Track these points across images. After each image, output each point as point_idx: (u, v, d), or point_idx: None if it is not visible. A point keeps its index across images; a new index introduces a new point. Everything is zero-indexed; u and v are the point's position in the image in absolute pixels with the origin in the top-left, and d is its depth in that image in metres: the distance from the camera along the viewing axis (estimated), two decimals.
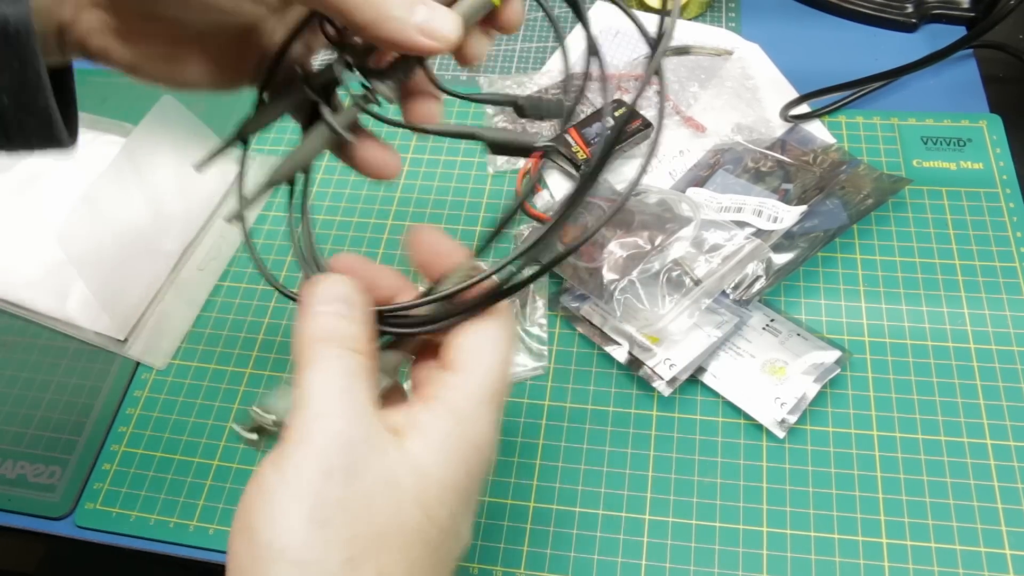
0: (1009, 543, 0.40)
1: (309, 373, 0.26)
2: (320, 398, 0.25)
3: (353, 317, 0.27)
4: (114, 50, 0.29)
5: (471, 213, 0.56)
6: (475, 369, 0.27)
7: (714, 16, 0.67)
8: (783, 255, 0.49)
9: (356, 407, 0.25)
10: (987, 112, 0.58)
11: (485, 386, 0.27)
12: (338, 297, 0.28)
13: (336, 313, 0.27)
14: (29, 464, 0.48)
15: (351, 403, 0.25)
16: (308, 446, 0.24)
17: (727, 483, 0.43)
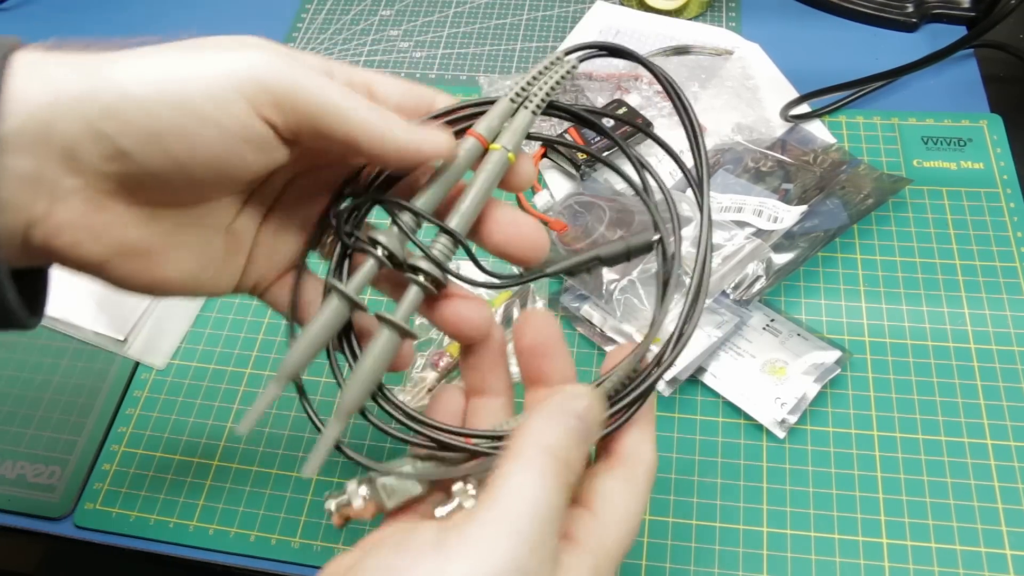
0: (1009, 543, 0.40)
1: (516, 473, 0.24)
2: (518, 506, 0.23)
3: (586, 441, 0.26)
4: (86, 245, 0.26)
5: None
6: (616, 521, 0.26)
7: (714, 16, 0.67)
8: (783, 255, 0.49)
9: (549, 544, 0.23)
10: (987, 112, 0.58)
11: (623, 546, 0.26)
12: (588, 416, 0.26)
13: (575, 429, 0.25)
14: (29, 464, 0.48)
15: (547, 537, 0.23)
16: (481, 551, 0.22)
17: (727, 483, 0.43)
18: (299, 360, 0.29)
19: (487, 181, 0.30)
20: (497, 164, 0.30)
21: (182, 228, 0.28)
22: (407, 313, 0.29)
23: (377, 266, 0.29)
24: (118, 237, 0.26)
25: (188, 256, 0.29)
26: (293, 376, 0.29)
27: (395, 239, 0.30)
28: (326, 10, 0.72)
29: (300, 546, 0.44)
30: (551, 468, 0.24)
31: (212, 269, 0.30)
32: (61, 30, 0.73)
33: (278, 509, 0.45)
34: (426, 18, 0.71)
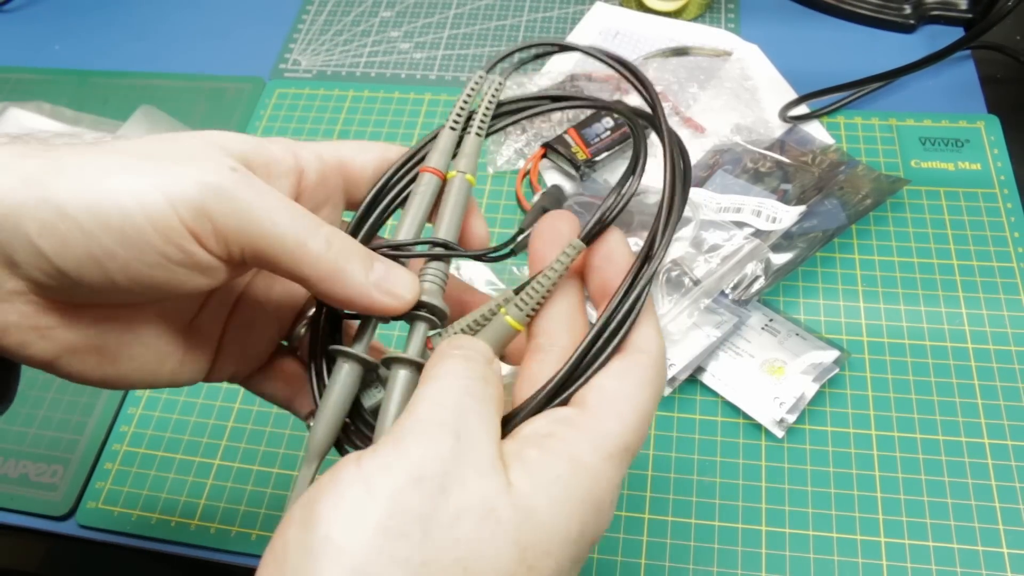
0: (1006, 542, 0.41)
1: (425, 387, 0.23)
2: (429, 407, 0.22)
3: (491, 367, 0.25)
4: (32, 344, 0.25)
5: None
6: (608, 414, 0.24)
7: (713, 17, 0.67)
8: (782, 255, 0.49)
9: (471, 426, 0.22)
10: (985, 113, 0.58)
11: (617, 437, 0.23)
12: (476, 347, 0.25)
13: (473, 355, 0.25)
14: (31, 463, 0.48)
15: (465, 420, 0.22)
16: (401, 447, 0.21)
17: (726, 482, 0.44)
18: (327, 436, 0.27)
19: (458, 204, 0.29)
20: (461, 187, 0.29)
21: (134, 328, 0.27)
22: (419, 349, 0.27)
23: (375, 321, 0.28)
24: (66, 338, 0.25)
25: (143, 353, 0.28)
26: (324, 453, 0.27)
27: None
28: (327, 11, 0.72)
29: None
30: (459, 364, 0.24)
31: (172, 364, 0.29)
32: (62, 31, 0.73)
33: (280, 508, 0.45)
34: (426, 19, 0.71)
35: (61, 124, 0.63)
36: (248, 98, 0.65)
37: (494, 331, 0.27)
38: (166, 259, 0.24)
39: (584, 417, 0.23)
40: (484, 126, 0.30)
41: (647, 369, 0.25)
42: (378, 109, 0.64)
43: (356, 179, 0.29)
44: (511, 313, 0.27)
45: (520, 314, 0.27)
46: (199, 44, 0.71)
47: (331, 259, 0.25)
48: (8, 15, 0.76)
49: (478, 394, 0.23)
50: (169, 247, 0.24)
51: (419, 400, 0.23)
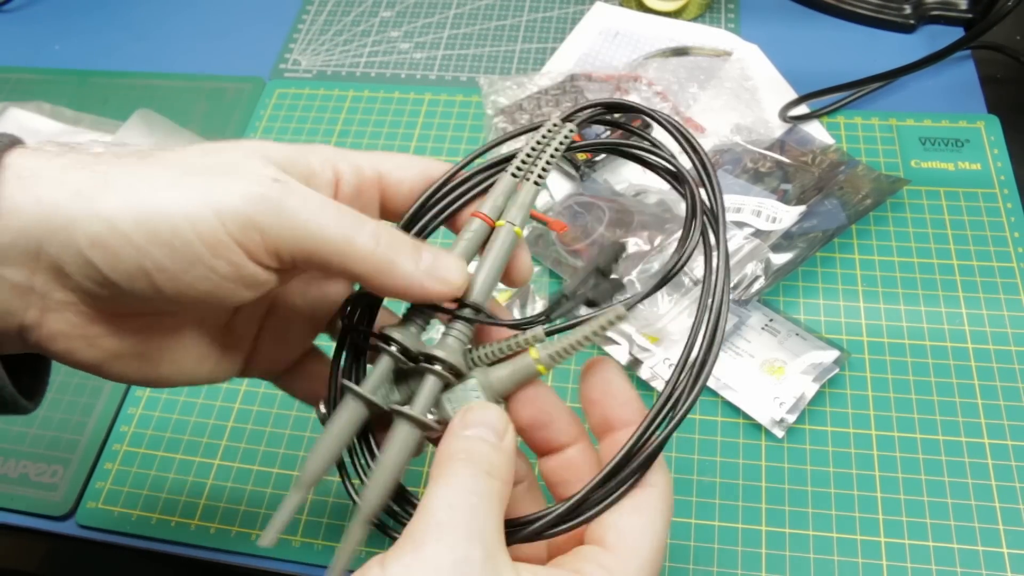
0: (1007, 542, 0.41)
1: (437, 486, 0.24)
2: (444, 510, 0.24)
3: (498, 446, 0.26)
4: (80, 352, 0.26)
5: None
6: (629, 554, 0.25)
7: (713, 17, 0.67)
8: (782, 255, 0.49)
9: (480, 528, 0.23)
10: (985, 113, 0.58)
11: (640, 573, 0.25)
12: (486, 423, 0.26)
13: (480, 438, 0.26)
14: (31, 463, 0.48)
15: (475, 522, 0.23)
16: (420, 553, 0.22)
17: (726, 482, 0.44)
18: (319, 467, 0.28)
19: (498, 259, 0.29)
20: (506, 240, 0.29)
21: (175, 335, 0.28)
22: (425, 406, 0.28)
23: (392, 363, 0.28)
24: (111, 346, 0.26)
25: (183, 357, 0.29)
26: (314, 483, 0.28)
27: (409, 334, 0.28)
28: (327, 11, 0.72)
29: (301, 545, 0.44)
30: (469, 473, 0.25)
31: (210, 365, 0.30)
32: (62, 31, 0.73)
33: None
34: (426, 19, 0.71)
35: (61, 124, 0.63)
36: (248, 98, 0.65)
37: (516, 370, 0.28)
38: (214, 272, 0.24)
39: (609, 557, 0.25)
40: (545, 175, 0.30)
41: (659, 502, 0.26)
42: (378, 109, 0.64)
43: (392, 194, 0.29)
44: (542, 360, 0.28)
45: (547, 357, 0.28)
46: (199, 44, 0.71)
47: (380, 253, 0.26)
48: (8, 15, 0.76)
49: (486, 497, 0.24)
50: (217, 261, 0.24)
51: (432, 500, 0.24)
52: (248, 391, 0.50)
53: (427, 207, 0.30)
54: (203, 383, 0.31)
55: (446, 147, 0.60)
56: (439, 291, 0.27)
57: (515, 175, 0.30)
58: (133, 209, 0.23)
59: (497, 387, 0.28)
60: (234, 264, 0.25)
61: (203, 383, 0.31)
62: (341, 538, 0.27)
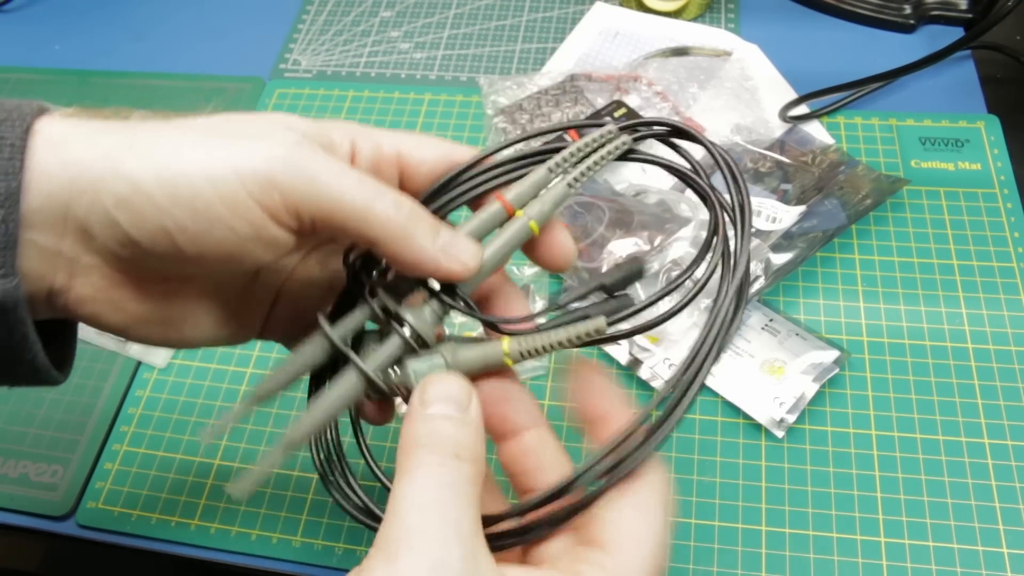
0: (1007, 542, 0.41)
1: (403, 482, 0.23)
2: (412, 511, 0.23)
3: (464, 420, 0.25)
4: (107, 315, 0.27)
5: None
6: (630, 552, 0.24)
7: (713, 17, 0.67)
8: (782, 255, 0.49)
9: (454, 525, 0.22)
10: (985, 113, 0.58)
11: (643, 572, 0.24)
12: (447, 396, 0.25)
13: (443, 415, 0.25)
14: (31, 463, 0.48)
15: (446, 519, 0.22)
16: (394, 566, 0.21)
17: (726, 482, 0.44)
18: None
19: (502, 250, 0.28)
20: (517, 233, 0.28)
21: (197, 301, 0.29)
22: (379, 362, 0.27)
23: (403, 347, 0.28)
24: (136, 310, 0.27)
25: (204, 321, 0.30)
26: (264, 398, 0.29)
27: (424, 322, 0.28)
28: (327, 11, 0.72)
29: (301, 545, 0.44)
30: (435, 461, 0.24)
31: (230, 329, 0.31)
32: (62, 31, 0.73)
33: (279, 508, 0.45)
34: (426, 19, 0.71)
35: None
36: (248, 98, 0.65)
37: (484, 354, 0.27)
38: (234, 232, 0.25)
39: (609, 557, 0.24)
40: (583, 179, 0.29)
41: (656, 495, 0.26)
42: (378, 109, 0.64)
43: (412, 174, 0.29)
44: (511, 353, 0.27)
45: (516, 351, 0.27)
46: (199, 44, 0.71)
47: (400, 221, 0.26)
48: (8, 15, 0.76)
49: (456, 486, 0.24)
50: (237, 221, 0.25)
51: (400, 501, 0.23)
52: (249, 390, 0.50)
53: (449, 187, 0.29)
54: (222, 345, 0.31)
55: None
56: (451, 269, 0.27)
57: (551, 171, 0.29)
58: (156, 169, 0.24)
59: (462, 366, 0.28)
60: (254, 225, 0.25)
61: (222, 345, 0.31)
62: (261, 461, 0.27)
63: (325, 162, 0.25)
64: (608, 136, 0.29)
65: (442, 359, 0.28)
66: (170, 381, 0.51)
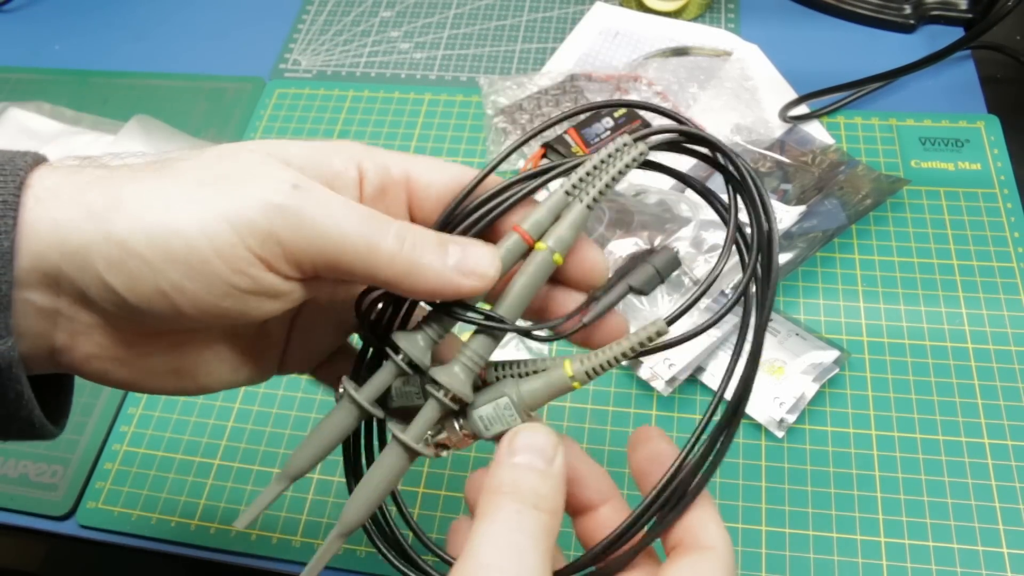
0: (1007, 542, 0.41)
1: (483, 523, 0.23)
2: (489, 551, 0.23)
3: (547, 472, 0.25)
4: (114, 372, 0.26)
5: None
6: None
7: (713, 17, 0.67)
8: (782, 255, 0.49)
9: (527, 568, 0.23)
10: (985, 113, 0.58)
11: None
12: (534, 447, 0.25)
13: (528, 466, 0.25)
14: (31, 463, 0.48)
15: (522, 563, 0.23)
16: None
17: (726, 482, 0.44)
18: (304, 463, 0.28)
19: (527, 286, 0.27)
20: (540, 267, 0.27)
21: (208, 348, 0.28)
22: (421, 432, 0.27)
23: (396, 371, 0.27)
24: (144, 365, 0.26)
25: (218, 368, 0.28)
26: (297, 477, 0.28)
27: (417, 344, 0.27)
28: (327, 11, 0.72)
29: (301, 545, 0.44)
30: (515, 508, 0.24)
31: (246, 371, 0.29)
32: (62, 31, 0.73)
33: (279, 508, 0.45)
34: (426, 19, 0.71)
35: (61, 124, 0.63)
36: (248, 98, 0.65)
37: (549, 383, 0.27)
38: (235, 288, 0.24)
39: None
40: (601, 198, 0.27)
41: (718, 565, 0.25)
42: (378, 109, 0.64)
43: (422, 198, 0.28)
44: (576, 375, 0.26)
45: (581, 372, 0.26)
46: (199, 44, 0.71)
47: (405, 256, 0.24)
48: (8, 15, 0.76)
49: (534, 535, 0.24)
50: (238, 276, 0.23)
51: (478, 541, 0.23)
52: (248, 391, 0.50)
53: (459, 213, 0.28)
54: (244, 385, 0.30)
55: (446, 147, 0.60)
56: (471, 286, 0.25)
57: (569, 193, 0.27)
58: (146, 229, 0.23)
59: (529, 401, 0.27)
60: (255, 278, 0.24)
61: (244, 385, 0.30)
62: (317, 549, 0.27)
63: (325, 204, 0.24)
64: (624, 147, 0.27)
65: (509, 403, 0.27)
66: None
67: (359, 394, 0.27)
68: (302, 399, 0.49)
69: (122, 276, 0.23)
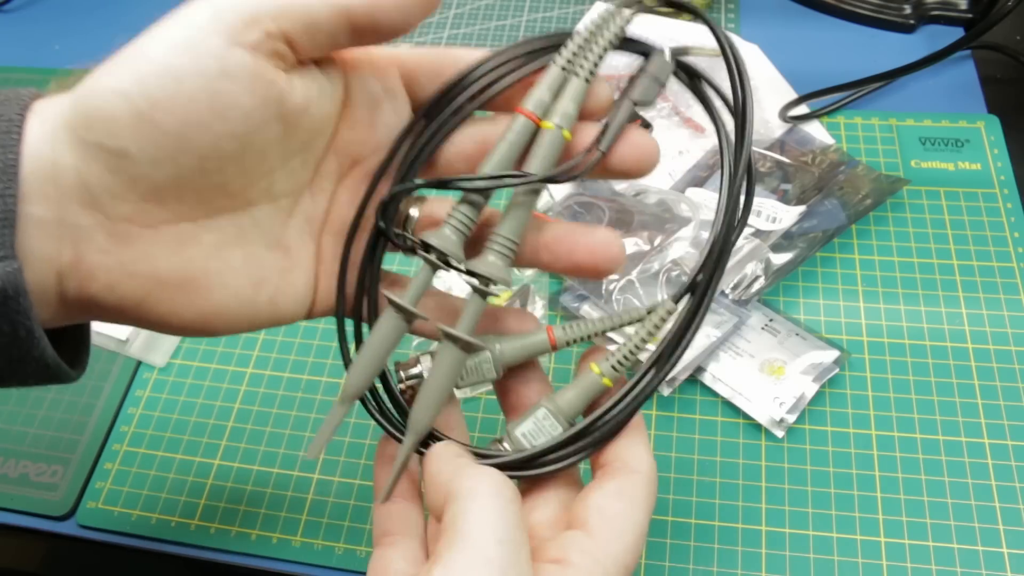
0: (1006, 542, 0.41)
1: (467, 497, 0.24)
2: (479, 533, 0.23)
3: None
4: (122, 286, 0.25)
5: None
6: (612, 538, 0.25)
7: (713, 17, 0.67)
8: (782, 255, 0.49)
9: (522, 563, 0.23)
10: (985, 113, 0.58)
11: (621, 561, 0.25)
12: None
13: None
14: (31, 463, 0.48)
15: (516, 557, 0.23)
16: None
17: (726, 482, 0.44)
18: (362, 380, 0.28)
19: (543, 166, 0.27)
20: (552, 145, 0.27)
21: (220, 248, 0.26)
22: (471, 325, 0.27)
23: (432, 271, 0.27)
24: (152, 269, 0.25)
25: (235, 278, 0.26)
26: (357, 396, 0.28)
27: (448, 240, 0.27)
28: None
29: (301, 545, 0.44)
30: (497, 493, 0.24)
31: (268, 291, 0.27)
32: (62, 31, 0.73)
33: (279, 508, 0.45)
34: (426, 19, 0.71)
35: None
36: None
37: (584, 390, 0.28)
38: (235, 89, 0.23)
39: (593, 542, 0.25)
40: (596, 70, 0.27)
41: (642, 488, 0.26)
42: None
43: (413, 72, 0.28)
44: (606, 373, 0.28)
45: (613, 373, 0.28)
46: None
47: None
48: (8, 15, 0.76)
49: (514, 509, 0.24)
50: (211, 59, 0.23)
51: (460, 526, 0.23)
52: (248, 391, 0.50)
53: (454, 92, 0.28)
54: (273, 320, 0.28)
55: None
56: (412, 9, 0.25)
57: (565, 68, 0.27)
58: (121, 65, 0.23)
59: (568, 411, 0.28)
60: (256, 76, 0.23)
61: (273, 320, 0.28)
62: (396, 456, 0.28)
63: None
64: (608, 16, 0.27)
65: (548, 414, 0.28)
66: (170, 381, 0.51)
67: (403, 299, 0.27)
68: (302, 399, 0.49)
69: (104, 123, 0.23)
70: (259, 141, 0.25)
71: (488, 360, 0.28)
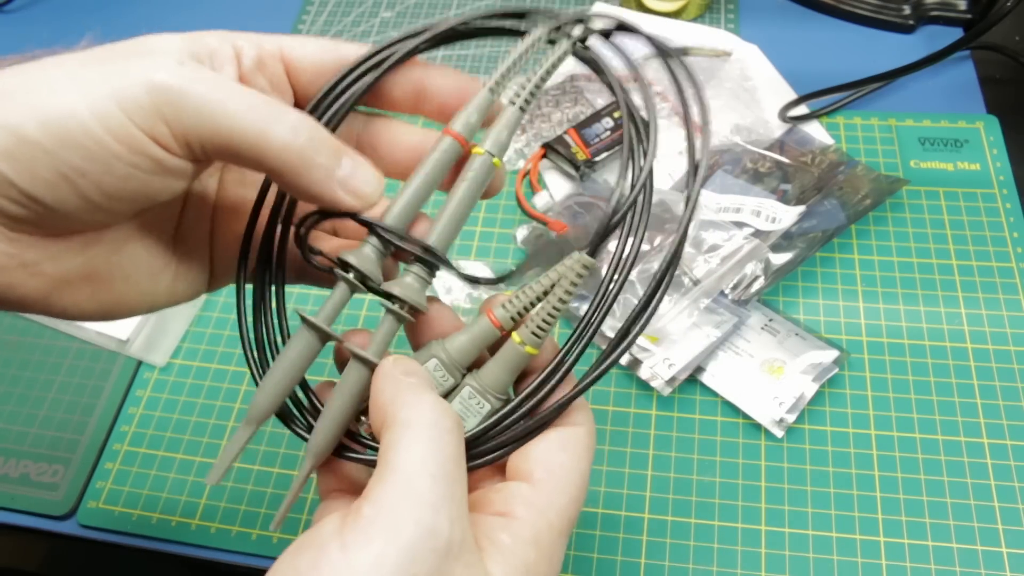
0: (1006, 541, 0.41)
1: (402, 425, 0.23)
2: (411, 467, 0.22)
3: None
4: (23, 284, 0.24)
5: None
6: (557, 490, 0.25)
7: (713, 17, 0.67)
8: (781, 255, 0.49)
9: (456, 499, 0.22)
10: (984, 113, 0.58)
11: (566, 512, 0.25)
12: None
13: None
14: (32, 463, 0.48)
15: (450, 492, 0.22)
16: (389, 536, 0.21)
17: (725, 482, 0.44)
18: (269, 403, 0.27)
19: (469, 194, 0.27)
20: (481, 173, 0.27)
21: (119, 248, 0.26)
22: (382, 348, 0.27)
23: (349, 291, 0.27)
24: (54, 270, 0.25)
25: (135, 272, 0.27)
26: (264, 419, 0.27)
27: (368, 260, 0.27)
28: (327, 11, 0.72)
29: None
30: (434, 423, 0.23)
31: (167, 279, 0.28)
32: (62, 31, 0.73)
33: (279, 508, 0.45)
34: (427, 20, 0.71)
35: None
36: None
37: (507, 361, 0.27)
38: (136, 168, 0.23)
39: (538, 494, 0.25)
40: (531, 99, 0.26)
41: (584, 440, 0.26)
42: None
43: (297, 70, 0.28)
44: (527, 341, 0.26)
45: (535, 340, 0.26)
46: None
47: (298, 148, 0.24)
48: (8, 15, 0.76)
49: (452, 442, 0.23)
50: (136, 156, 0.23)
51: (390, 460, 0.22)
52: (248, 391, 0.50)
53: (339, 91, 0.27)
54: (169, 302, 0.29)
55: None
56: (350, 204, 0.26)
57: (493, 91, 0.27)
58: (37, 113, 0.22)
59: (495, 386, 0.27)
60: (151, 157, 0.23)
61: (169, 302, 0.29)
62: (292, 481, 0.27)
63: (211, 85, 0.23)
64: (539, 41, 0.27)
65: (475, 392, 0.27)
66: (170, 381, 0.51)
67: (316, 319, 0.26)
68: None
69: (19, 166, 0.22)
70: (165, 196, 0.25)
71: (439, 367, 0.27)
